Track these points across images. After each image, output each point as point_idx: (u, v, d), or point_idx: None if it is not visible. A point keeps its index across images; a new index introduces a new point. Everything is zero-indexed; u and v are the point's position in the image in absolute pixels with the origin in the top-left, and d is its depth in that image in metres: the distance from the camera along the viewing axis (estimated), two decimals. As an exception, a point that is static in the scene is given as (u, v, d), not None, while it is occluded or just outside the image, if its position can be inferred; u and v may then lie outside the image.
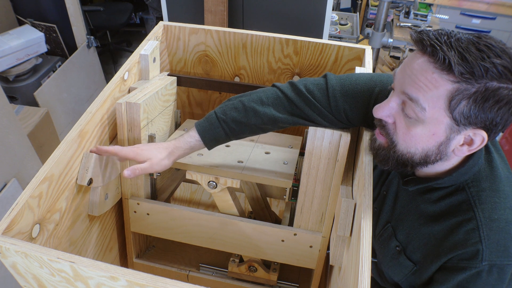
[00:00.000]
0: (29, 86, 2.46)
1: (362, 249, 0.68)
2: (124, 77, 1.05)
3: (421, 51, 0.69)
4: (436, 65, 0.67)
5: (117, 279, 0.62)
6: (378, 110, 0.76)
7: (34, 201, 0.78)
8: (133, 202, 1.11)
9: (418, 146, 0.74)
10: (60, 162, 0.84)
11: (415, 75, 0.69)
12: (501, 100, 0.66)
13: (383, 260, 0.97)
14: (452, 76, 0.66)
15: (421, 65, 0.69)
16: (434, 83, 0.67)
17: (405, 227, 0.90)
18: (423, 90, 0.69)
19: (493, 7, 3.53)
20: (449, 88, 0.67)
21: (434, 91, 0.68)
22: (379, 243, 0.99)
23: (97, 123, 0.96)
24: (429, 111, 0.69)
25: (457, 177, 0.79)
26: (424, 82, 0.68)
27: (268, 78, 1.32)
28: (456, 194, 0.81)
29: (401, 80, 0.73)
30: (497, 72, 0.64)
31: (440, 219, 0.82)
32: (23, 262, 0.68)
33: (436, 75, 0.67)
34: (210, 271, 1.22)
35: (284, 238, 1.06)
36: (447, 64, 0.65)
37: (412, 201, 0.89)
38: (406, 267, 0.89)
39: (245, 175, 1.02)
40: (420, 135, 0.72)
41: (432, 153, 0.74)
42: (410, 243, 0.88)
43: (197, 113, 1.45)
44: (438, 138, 0.72)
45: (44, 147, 2.11)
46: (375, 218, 1.01)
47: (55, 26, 2.64)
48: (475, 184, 0.79)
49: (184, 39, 1.29)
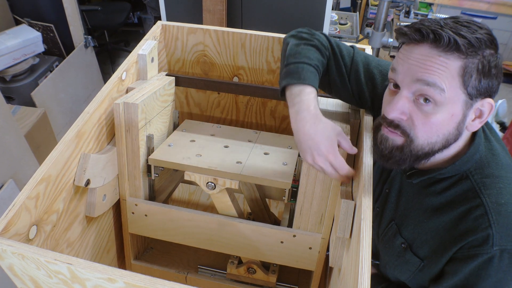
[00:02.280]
0: (26, 86, 2.45)
1: (362, 250, 0.67)
2: (122, 77, 1.05)
3: (417, 41, 0.72)
4: (439, 49, 0.70)
5: (115, 281, 0.61)
6: (390, 111, 0.76)
7: (31, 202, 0.77)
8: (131, 203, 1.10)
9: (439, 133, 0.75)
10: (57, 163, 0.83)
11: (423, 62, 0.71)
12: (497, 65, 0.72)
13: (388, 260, 0.96)
14: (459, 53, 0.69)
15: (424, 52, 0.71)
16: (445, 65, 0.70)
17: (410, 222, 0.90)
18: (437, 73, 0.70)
19: (494, 6, 3.54)
20: (459, 66, 0.70)
21: (447, 71, 0.70)
22: (383, 243, 0.98)
23: (95, 124, 0.96)
24: (447, 91, 0.71)
25: (460, 165, 0.80)
26: (435, 66, 0.70)
27: (267, 78, 1.31)
28: (460, 184, 0.81)
29: (408, 72, 0.74)
30: (486, 40, 0.70)
31: (446, 210, 0.82)
32: (20, 263, 0.68)
33: (442, 57, 0.70)
34: (208, 273, 1.22)
35: (283, 240, 1.05)
36: (453, 44, 0.69)
37: (416, 195, 0.89)
38: (413, 264, 0.88)
39: (244, 176, 1.02)
40: (441, 120, 0.74)
41: (452, 135, 0.76)
42: (417, 239, 0.88)
43: (196, 114, 1.45)
44: (456, 118, 0.74)
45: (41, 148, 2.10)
46: (377, 219, 1.01)
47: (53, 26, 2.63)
48: (478, 172, 0.80)
49: (182, 38, 1.28)
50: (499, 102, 2.59)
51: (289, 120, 1.36)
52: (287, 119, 1.38)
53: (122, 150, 1.04)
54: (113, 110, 0.99)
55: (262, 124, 1.42)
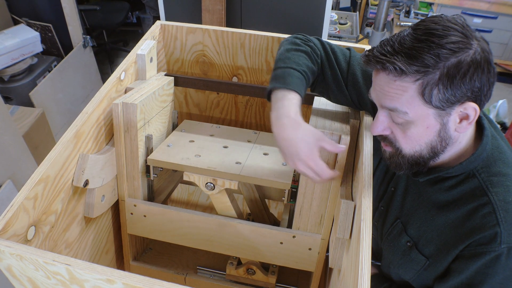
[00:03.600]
0: (24, 86, 2.45)
1: (362, 251, 0.67)
2: (120, 77, 1.04)
3: (375, 69, 0.76)
4: (392, 75, 0.72)
5: (114, 282, 0.61)
6: (373, 128, 0.81)
7: (29, 202, 0.77)
8: (129, 204, 1.10)
9: (420, 143, 0.78)
10: (55, 163, 0.83)
11: (383, 89, 0.75)
12: (467, 70, 0.69)
13: (392, 259, 0.97)
14: (411, 76, 0.71)
15: (382, 80, 0.75)
16: (401, 89, 0.72)
17: (416, 220, 0.90)
18: (396, 98, 0.74)
19: (495, 6, 3.54)
20: (415, 87, 0.71)
21: (405, 94, 0.72)
22: (387, 242, 0.98)
23: (93, 124, 0.95)
24: (411, 112, 0.74)
25: (467, 165, 0.81)
26: (393, 92, 0.74)
27: (266, 79, 1.31)
28: (467, 182, 0.82)
29: (376, 97, 0.79)
30: (448, 51, 0.68)
31: (453, 208, 0.83)
32: (18, 264, 0.67)
33: (398, 81, 0.72)
34: (207, 274, 1.21)
35: (283, 240, 1.05)
36: (399, 70, 0.70)
37: (423, 193, 0.90)
38: (418, 262, 0.89)
39: (243, 177, 1.01)
40: (417, 133, 0.77)
41: (436, 142, 0.78)
42: (422, 237, 0.88)
43: (195, 114, 1.44)
44: (433, 128, 0.76)
45: (39, 148, 2.09)
46: (381, 218, 1.02)
47: (51, 26, 2.63)
48: (485, 170, 0.81)
49: (181, 38, 1.28)
50: (500, 102, 2.59)
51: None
52: (287, 119, 1.37)
53: (121, 150, 1.03)
54: (112, 110, 0.99)
55: (262, 124, 1.41)
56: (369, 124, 0.91)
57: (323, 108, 1.02)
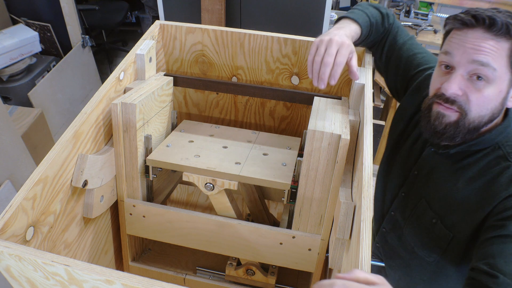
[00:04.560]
0: (23, 86, 2.44)
1: (362, 252, 0.67)
2: (119, 77, 1.04)
3: (471, 26, 0.82)
4: (491, 33, 0.80)
5: (113, 282, 0.61)
6: (448, 88, 0.85)
7: (28, 203, 0.76)
8: (129, 204, 1.10)
9: (489, 107, 0.84)
10: (54, 164, 0.83)
11: (478, 45, 0.81)
12: None
13: (417, 241, 1.01)
14: (508, 37, 0.80)
15: (478, 36, 0.81)
16: (496, 46, 0.80)
17: (442, 196, 0.95)
18: (491, 54, 0.80)
19: (495, 6, 3.53)
20: (507, 48, 0.80)
21: (498, 53, 0.80)
22: (410, 223, 1.03)
23: (92, 124, 0.95)
24: (498, 70, 0.81)
25: (495, 135, 0.89)
26: (488, 48, 0.80)
27: (266, 78, 1.31)
28: (492, 153, 0.89)
29: (464, 53, 0.83)
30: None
31: (479, 177, 0.89)
32: (17, 265, 0.67)
33: (494, 41, 0.80)
34: (207, 274, 1.21)
35: (283, 241, 1.05)
36: (505, 28, 0.79)
37: (451, 170, 0.95)
38: (443, 238, 0.94)
39: (242, 177, 1.01)
40: (491, 95, 0.83)
41: (497, 109, 0.86)
42: (447, 211, 0.93)
43: (194, 114, 1.44)
44: (502, 93, 0.84)
45: (38, 148, 2.09)
46: (402, 204, 1.06)
47: (50, 25, 2.63)
48: (509, 144, 0.89)
49: (180, 38, 1.28)
50: None
51: (288, 120, 1.37)
52: (286, 119, 1.37)
53: (120, 150, 1.03)
54: (111, 110, 0.98)
55: (261, 125, 1.41)
56: (369, 125, 0.91)
57: (323, 109, 1.02)
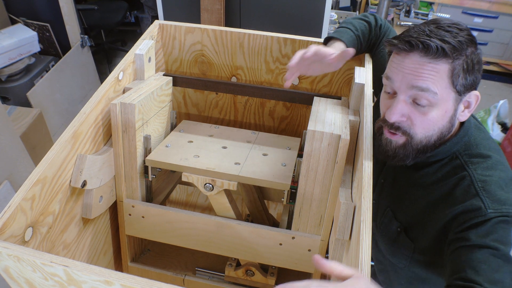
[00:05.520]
0: (21, 86, 2.44)
1: (362, 252, 0.67)
2: (118, 77, 1.04)
3: (407, 51, 0.80)
4: (428, 56, 0.78)
5: (112, 283, 0.61)
6: (391, 115, 0.84)
7: (26, 203, 0.76)
8: (128, 205, 1.09)
9: (435, 128, 0.84)
10: (53, 164, 0.82)
11: (415, 70, 0.80)
12: (478, 60, 0.82)
13: (387, 248, 1.02)
14: (446, 58, 0.78)
15: (415, 61, 0.80)
16: (435, 70, 0.79)
17: (404, 206, 0.96)
18: (430, 79, 0.79)
19: (496, 5, 3.53)
20: (447, 69, 0.79)
21: (438, 75, 0.79)
22: (380, 231, 1.04)
23: (91, 124, 0.95)
24: (439, 93, 0.80)
25: (451, 146, 0.88)
26: (427, 73, 0.79)
27: (265, 79, 1.30)
28: (450, 163, 0.89)
29: (404, 80, 0.82)
30: (467, 41, 0.79)
31: (437, 187, 0.90)
32: (15, 266, 0.67)
33: (432, 64, 0.78)
34: (206, 275, 1.21)
35: (282, 242, 1.04)
36: (441, 50, 0.77)
37: (410, 179, 0.96)
38: (407, 246, 0.94)
39: (242, 177, 1.01)
40: (436, 117, 0.82)
41: (446, 128, 0.85)
42: (410, 220, 0.94)
43: (193, 114, 1.44)
44: (449, 113, 0.83)
45: (37, 149, 2.08)
46: (374, 211, 1.06)
47: (49, 25, 2.62)
48: (467, 153, 0.88)
49: (180, 38, 1.27)
50: (501, 102, 2.58)
51: (287, 120, 1.37)
52: (286, 119, 1.37)
53: (119, 151, 1.03)
54: (110, 110, 0.98)
55: (261, 125, 1.41)
56: (369, 126, 0.91)
57: (322, 109, 1.02)
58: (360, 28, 1.10)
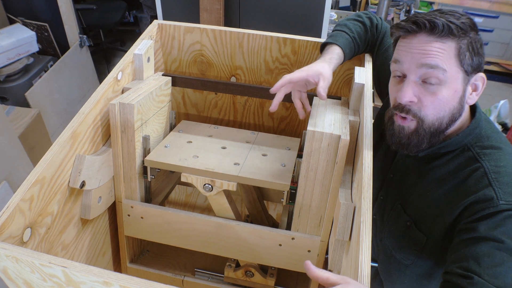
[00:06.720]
0: (20, 86, 2.43)
1: (362, 253, 0.67)
2: (117, 77, 1.03)
3: (415, 31, 0.83)
4: (435, 35, 0.81)
5: (111, 284, 0.60)
6: (402, 96, 0.85)
7: (25, 204, 0.76)
8: (126, 205, 1.09)
9: (446, 108, 0.84)
10: (52, 164, 0.82)
11: (423, 49, 0.82)
12: (481, 44, 0.84)
13: (394, 243, 1.01)
14: (452, 36, 0.80)
15: (424, 41, 0.82)
16: (443, 47, 0.81)
17: (415, 199, 0.96)
18: (438, 56, 0.81)
19: (496, 5, 3.53)
20: (454, 47, 0.81)
21: (445, 53, 0.81)
22: (388, 227, 1.03)
23: (90, 124, 0.94)
24: (448, 70, 0.81)
25: (463, 137, 0.88)
26: (435, 51, 0.81)
27: (265, 79, 1.30)
28: (462, 155, 0.89)
29: (412, 59, 0.84)
30: (470, 24, 0.83)
31: (449, 179, 0.89)
32: (13, 267, 0.66)
33: (439, 42, 0.81)
34: (205, 276, 1.20)
35: (282, 242, 1.04)
36: (447, 29, 0.80)
37: (422, 171, 0.95)
38: (417, 241, 0.94)
39: (241, 178, 1.01)
40: (446, 96, 0.83)
41: (456, 109, 0.85)
42: (420, 214, 0.93)
43: (193, 114, 1.43)
44: (458, 93, 0.84)
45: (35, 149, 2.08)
46: (381, 208, 1.06)
47: (47, 25, 2.61)
48: (479, 145, 0.88)
49: (179, 38, 1.27)
50: (501, 102, 2.58)
51: (287, 121, 1.37)
52: (286, 119, 1.37)
53: (118, 151, 1.02)
54: (109, 110, 0.98)
55: (260, 125, 1.41)
56: (369, 126, 0.91)
57: (322, 109, 1.01)
58: (355, 30, 1.11)
